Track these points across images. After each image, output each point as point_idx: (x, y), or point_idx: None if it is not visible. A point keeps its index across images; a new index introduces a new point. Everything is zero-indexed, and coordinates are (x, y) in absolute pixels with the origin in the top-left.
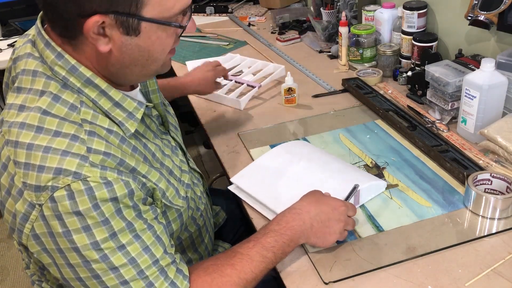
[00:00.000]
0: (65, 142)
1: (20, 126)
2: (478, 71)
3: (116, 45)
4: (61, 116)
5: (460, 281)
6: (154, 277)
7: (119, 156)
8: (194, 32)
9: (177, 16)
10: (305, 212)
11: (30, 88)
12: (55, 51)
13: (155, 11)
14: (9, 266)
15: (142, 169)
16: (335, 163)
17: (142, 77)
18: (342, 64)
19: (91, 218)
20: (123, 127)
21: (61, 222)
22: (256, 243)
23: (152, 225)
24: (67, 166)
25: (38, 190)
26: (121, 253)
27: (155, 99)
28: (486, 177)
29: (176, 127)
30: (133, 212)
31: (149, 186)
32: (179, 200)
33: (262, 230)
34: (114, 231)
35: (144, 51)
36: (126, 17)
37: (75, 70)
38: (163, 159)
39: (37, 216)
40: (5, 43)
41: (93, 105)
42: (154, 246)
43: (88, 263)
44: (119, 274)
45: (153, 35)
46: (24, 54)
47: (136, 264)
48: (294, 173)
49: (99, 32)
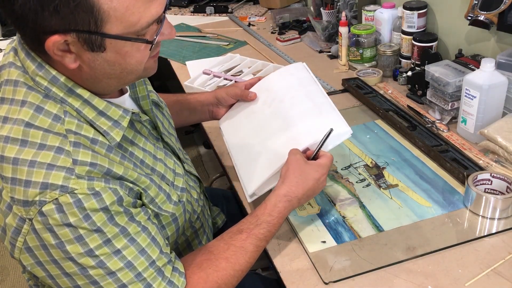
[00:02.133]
0: (50, 155)
1: (5, 140)
2: (478, 71)
3: (83, 61)
4: (45, 127)
5: (460, 281)
6: (152, 278)
7: (106, 165)
8: (194, 32)
9: (148, 29)
10: (294, 198)
11: (12, 99)
12: (35, 61)
13: (119, 28)
14: (9, 266)
15: (130, 176)
16: (308, 101)
17: (122, 85)
18: (342, 64)
19: (82, 229)
20: (108, 137)
21: (53, 234)
22: (250, 235)
23: (146, 227)
24: (53, 180)
25: (26, 205)
26: (117, 257)
27: (145, 105)
28: (486, 177)
29: (169, 131)
30: (126, 217)
31: (136, 190)
32: (169, 206)
33: (254, 220)
34: (108, 238)
35: (115, 65)
36: (88, 35)
37: (56, 81)
38: (154, 164)
39: (28, 230)
40: (5, 43)
41: (77, 114)
42: (150, 247)
43: (85, 270)
44: (117, 279)
45: (122, 50)
46: (7, 63)
47: (133, 267)
48: (264, 119)
49: (64, 49)
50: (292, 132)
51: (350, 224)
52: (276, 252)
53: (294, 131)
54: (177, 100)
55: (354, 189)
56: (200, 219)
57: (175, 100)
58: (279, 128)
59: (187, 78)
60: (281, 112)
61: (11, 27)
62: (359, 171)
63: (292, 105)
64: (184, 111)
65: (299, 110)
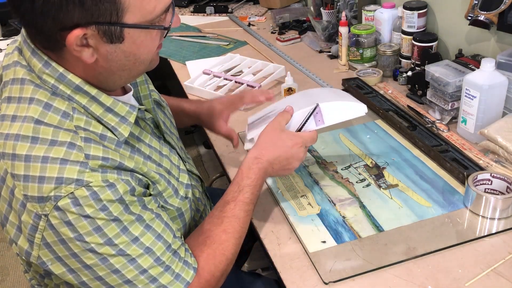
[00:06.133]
0: (63, 150)
1: (15, 138)
2: (478, 71)
3: (101, 54)
4: (55, 124)
5: (460, 281)
6: (170, 260)
7: (117, 159)
8: (194, 32)
9: (160, 17)
10: (265, 161)
11: (20, 97)
12: (42, 59)
13: (137, 16)
14: (9, 266)
15: (141, 169)
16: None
17: (131, 78)
18: (342, 64)
19: (100, 219)
20: (116, 132)
21: (71, 228)
22: (237, 203)
23: (159, 213)
24: (68, 174)
25: (41, 201)
26: (135, 245)
27: (147, 104)
28: (486, 177)
29: (171, 130)
30: (139, 205)
31: (145, 181)
32: (176, 200)
33: (236, 187)
34: (125, 226)
35: (130, 56)
36: (108, 26)
37: (64, 78)
38: (160, 160)
39: (45, 226)
40: (5, 43)
41: (84, 111)
42: (165, 232)
43: (105, 259)
44: (138, 265)
45: (138, 40)
46: (12, 63)
47: (152, 252)
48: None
49: (82, 44)
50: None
51: (350, 224)
52: (276, 252)
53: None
54: (171, 105)
55: (354, 189)
56: (203, 218)
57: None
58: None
59: (187, 78)
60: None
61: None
62: (359, 171)
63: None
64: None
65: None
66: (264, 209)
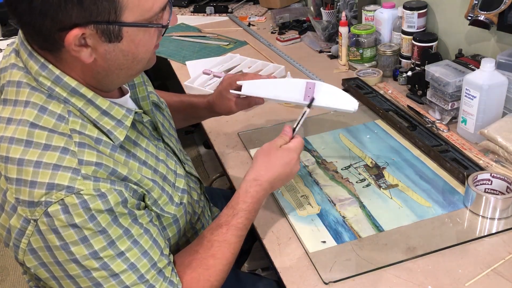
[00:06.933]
0: (56, 155)
1: (10, 141)
2: (478, 71)
3: (99, 54)
4: (49, 128)
5: (460, 281)
6: (154, 279)
7: (111, 165)
8: (194, 32)
9: (158, 15)
10: (265, 182)
11: (16, 100)
12: (39, 62)
13: (135, 15)
14: (9, 266)
15: (134, 177)
16: None
17: (129, 78)
18: (342, 64)
19: (88, 230)
20: (112, 136)
21: (58, 236)
22: (229, 227)
23: (148, 229)
24: (59, 180)
25: (31, 206)
26: (120, 259)
27: (145, 106)
28: (486, 177)
29: (170, 132)
30: (129, 218)
31: (140, 192)
32: (171, 207)
33: (230, 211)
34: (112, 239)
35: (129, 55)
36: (107, 25)
37: (60, 81)
38: (156, 166)
39: (33, 231)
40: (5, 43)
41: (80, 114)
42: (152, 249)
43: (88, 272)
44: (120, 281)
45: (136, 38)
46: (9, 65)
47: (136, 269)
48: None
49: (80, 44)
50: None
51: (350, 224)
52: (276, 252)
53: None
54: (180, 100)
55: (354, 189)
56: (200, 220)
57: (179, 100)
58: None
59: (187, 78)
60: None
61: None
62: (359, 171)
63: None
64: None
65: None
66: (264, 209)
